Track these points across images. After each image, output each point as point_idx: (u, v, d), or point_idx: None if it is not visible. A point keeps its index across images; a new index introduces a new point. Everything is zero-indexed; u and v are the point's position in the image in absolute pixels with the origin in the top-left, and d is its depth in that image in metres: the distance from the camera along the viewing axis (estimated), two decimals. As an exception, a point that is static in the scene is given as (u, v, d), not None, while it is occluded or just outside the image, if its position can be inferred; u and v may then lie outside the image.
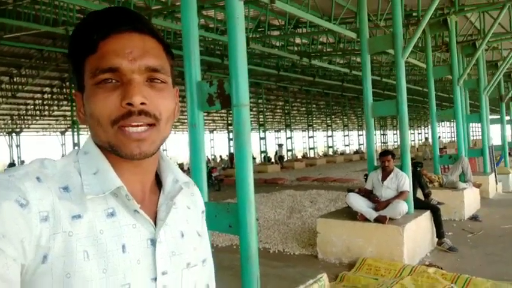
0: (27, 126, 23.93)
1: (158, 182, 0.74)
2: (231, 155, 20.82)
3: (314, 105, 30.36)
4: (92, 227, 0.60)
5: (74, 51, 0.65)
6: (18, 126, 23.52)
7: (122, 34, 0.63)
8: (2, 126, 22.70)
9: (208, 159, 27.99)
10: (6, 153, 23.19)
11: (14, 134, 23.72)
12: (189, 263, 0.71)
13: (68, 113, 19.03)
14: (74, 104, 14.37)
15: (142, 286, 0.63)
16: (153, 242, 0.66)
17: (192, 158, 3.18)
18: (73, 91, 0.76)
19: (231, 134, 24.18)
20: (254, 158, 32.55)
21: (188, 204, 0.78)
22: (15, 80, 16.29)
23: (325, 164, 24.29)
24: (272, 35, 11.49)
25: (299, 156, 30.88)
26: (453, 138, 30.04)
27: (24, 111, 21.58)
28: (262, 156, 23.58)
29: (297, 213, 7.88)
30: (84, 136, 20.58)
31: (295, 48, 13.42)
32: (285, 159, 26.19)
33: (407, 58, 7.56)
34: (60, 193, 0.60)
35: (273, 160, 23.90)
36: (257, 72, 16.87)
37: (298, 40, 12.91)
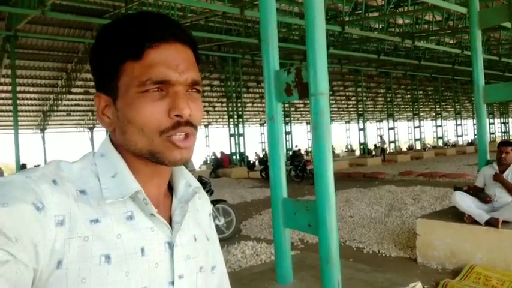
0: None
1: (169, 186, 0.75)
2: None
3: (420, 92, 28.30)
4: (110, 231, 0.61)
5: (108, 52, 0.64)
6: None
7: (169, 45, 0.63)
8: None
9: (306, 152, 27.89)
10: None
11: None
12: (202, 267, 0.72)
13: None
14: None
15: None
16: (171, 245, 0.67)
17: (270, 151, 3.10)
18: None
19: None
20: (353, 151, 31.55)
21: (198, 207, 0.80)
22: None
23: (434, 156, 22.67)
24: (370, 17, 10.86)
25: (404, 148, 29.06)
26: None
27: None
28: (361, 148, 22.68)
29: (396, 211, 7.29)
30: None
31: (397, 30, 12.48)
32: (387, 151, 24.81)
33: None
34: (77, 196, 0.61)
35: (373, 153, 22.78)
36: (355, 58, 16.22)
37: (400, 20, 11.99)
